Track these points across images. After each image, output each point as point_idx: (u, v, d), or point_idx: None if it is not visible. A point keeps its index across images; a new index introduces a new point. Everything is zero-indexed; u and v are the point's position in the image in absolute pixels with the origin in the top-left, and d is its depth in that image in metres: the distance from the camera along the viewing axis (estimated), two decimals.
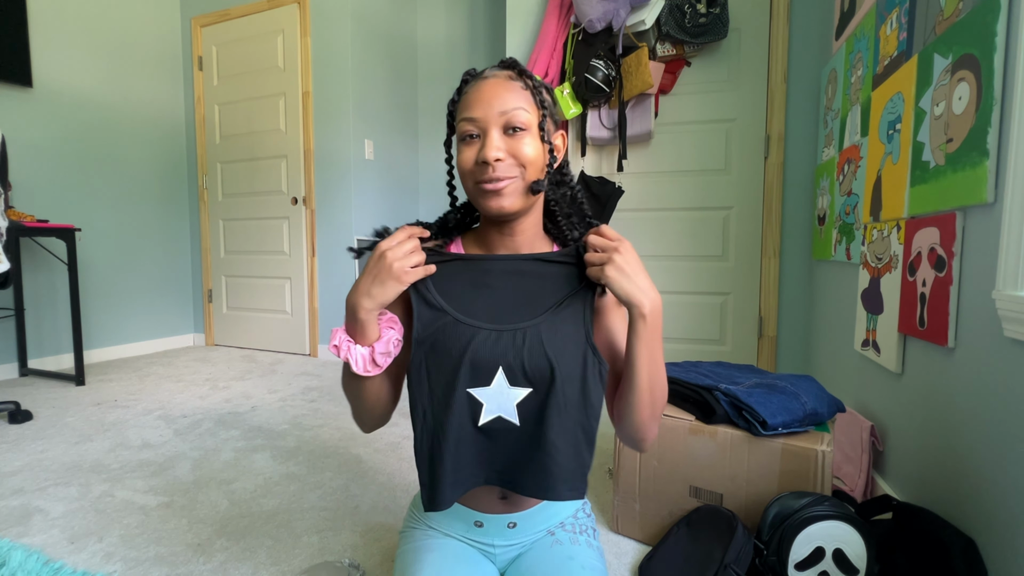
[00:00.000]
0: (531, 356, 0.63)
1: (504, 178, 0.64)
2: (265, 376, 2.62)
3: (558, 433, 0.64)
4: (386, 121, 3.17)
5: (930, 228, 1.08)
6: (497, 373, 0.64)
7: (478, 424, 0.64)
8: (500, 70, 0.68)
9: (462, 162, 0.67)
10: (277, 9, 3.02)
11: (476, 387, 0.64)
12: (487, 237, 0.73)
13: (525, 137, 0.65)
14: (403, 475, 1.48)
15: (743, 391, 1.07)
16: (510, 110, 0.64)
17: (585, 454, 0.66)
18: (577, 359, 0.65)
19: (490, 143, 0.64)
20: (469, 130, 0.66)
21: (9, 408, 1.90)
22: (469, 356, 0.64)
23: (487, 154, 0.63)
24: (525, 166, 0.65)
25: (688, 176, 2.26)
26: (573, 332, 0.65)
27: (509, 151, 0.64)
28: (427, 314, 0.67)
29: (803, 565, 0.89)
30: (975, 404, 0.93)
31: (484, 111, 0.64)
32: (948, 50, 1.01)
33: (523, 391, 0.64)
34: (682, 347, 2.32)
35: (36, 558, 1.04)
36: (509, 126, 0.64)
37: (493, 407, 0.64)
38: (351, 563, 1.04)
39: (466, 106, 0.66)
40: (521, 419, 0.64)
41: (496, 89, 0.65)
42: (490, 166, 0.64)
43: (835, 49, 1.79)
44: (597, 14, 2.04)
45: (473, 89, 0.67)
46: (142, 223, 3.14)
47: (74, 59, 2.76)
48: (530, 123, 0.65)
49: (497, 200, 0.65)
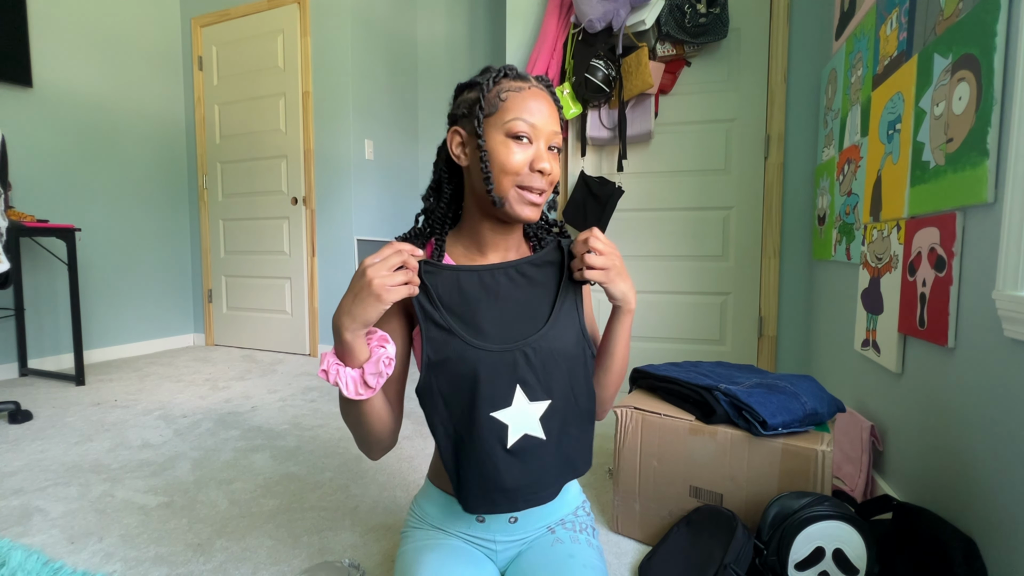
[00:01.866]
0: (546, 370, 0.66)
1: (545, 191, 0.69)
2: (265, 376, 2.62)
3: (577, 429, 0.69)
4: (386, 121, 3.17)
5: (930, 228, 1.08)
6: (516, 392, 0.65)
7: (507, 447, 0.65)
8: (543, 87, 0.71)
9: (509, 161, 0.66)
10: (277, 9, 3.02)
11: (498, 410, 0.64)
12: (480, 235, 0.74)
13: (558, 158, 0.71)
14: (403, 475, 1.48)
15: (743, 391, 1.07)
16: (557, 131, 0.70)
17: (591, 432, 0.72)
18: (579, 356, 0.69)
19: (546, 155, 0.68)
20: (524, 131, 0.67)
21: (9, 408, 1.90)
22: (486, 380, 0.64)
23: (546, 166, 0.67)
24: (554, 184, 0.71)
25: (688, 176, 2.26)
26: (572, 331, 0.69)
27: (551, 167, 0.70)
28: (438, 336, 0.66)
29: (803, 565, 0.89)
30: (975, 404, 0.93)
31: (543, 121, 0.67)
32: (948, 50, 1.01)
33: (543, 404, 0.66)
34: (682, 347, 2.32)
35: (36, 558, 1.04)
36: (552, 145, 0.69)
37: (518, 427, 0.65)
38: (351, 563, 1.04)
39: (524, 107, 0.67)
40: (546, 431, 0.66)
41: (548, 106, 0.69)
42: (544, 177, 0.68)
43: (835, 49, 1.79)
44: (597, 14, 2.04)
45: (529, 93, 0.68)
46: (142, 223, 3.14)
47: (74, 59, 2.76)
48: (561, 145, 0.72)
49: (533, 210, 0.70)
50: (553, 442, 0.67)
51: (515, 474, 0.65)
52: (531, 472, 0.66)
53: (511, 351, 0.65)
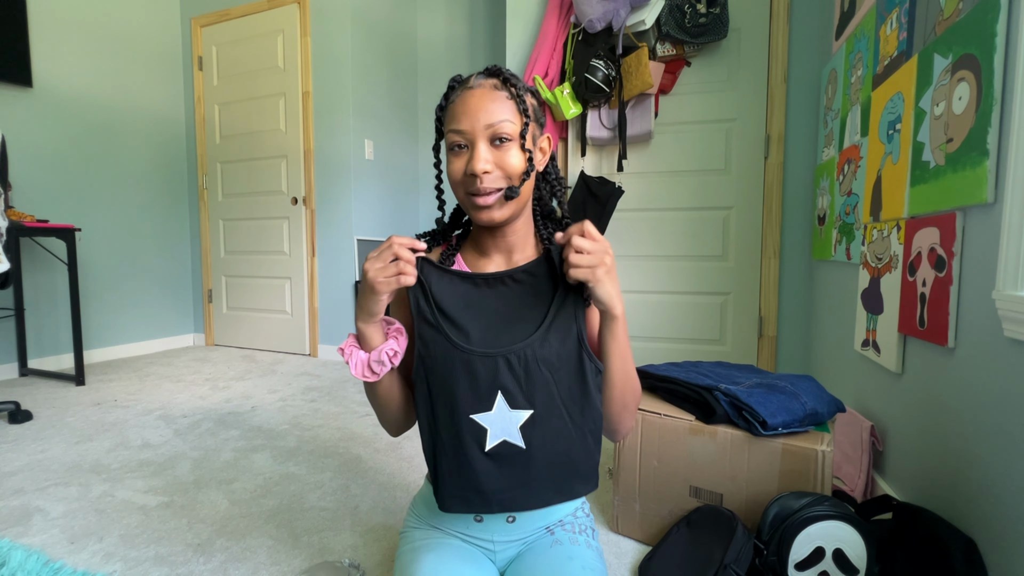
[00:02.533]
0: (528, 378, 0.65)
1: (492, 190, 0.67)
2: (265, 376, 2.62)
3: (566, 447, 0.67)
4: (386, 121, 3.17)
5: (930, 228, 1.08)
6: (497, 398, 0.65)
7: (485, 450, 0.65)
8: (486, 78, 0.68)
9: (451, 172, 0.69)
10: (277, 9, 3.02)
11: (478, 412, 0.65)
12: (481, 240, 0.75)
13: (511, 148, 0.67)
14: (403, 475, 1.48)
15: (743, 391, 1.07)
16: (496, 122, 0.65)
17: (594, 453, 0.69)
18: (573, 369, 0.66)
19: (477, 155, 0.65)
20: (457, 140, 0.67)
21: (9, 408, 1.90)
22: (467, 382, 0.65)
23: (475, 166, 0.65)
24: (512, 177, 0.67)
25: (688, 176, 2.26)
26: (567, 342, 0.66)
27: (496, 163, 0.66)
28: (426, 332, 0.67)
29: (803, 565, 0.89)
30: (975, 404, 0.93)
31: (471, 123, 0.66)
32: (948, 50, 1.01)
33: (524, 413, 0.65)
34: (682, 347, 2.32)
35: (36, 558, 1.04)
36: (495, 137, 0.66)
37: (497, 431, 0.65)
38: (351, 563, 1.04)
39: (453, 117, 0.67)
40: (527, 441, 0.65)
41: (482, 101, 0.66)
42: (478, 178, 0.66)
43: (835, 49, 1.79)
44: (597, 14, 2.04)
45: (460, 99, 0.67)
46: (142, 223, 3.14)
47: (74, 59, 2.76)
48: (515, 133, 0.67)
49: (488, 213, 0.68)
50: (535, 453, 0.66)
51: (492, 478, 0.66)
52: (508, 477, 0.66)
53: (493, 356, 0.64)
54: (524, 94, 0.69)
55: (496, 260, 0.75)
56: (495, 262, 0.75)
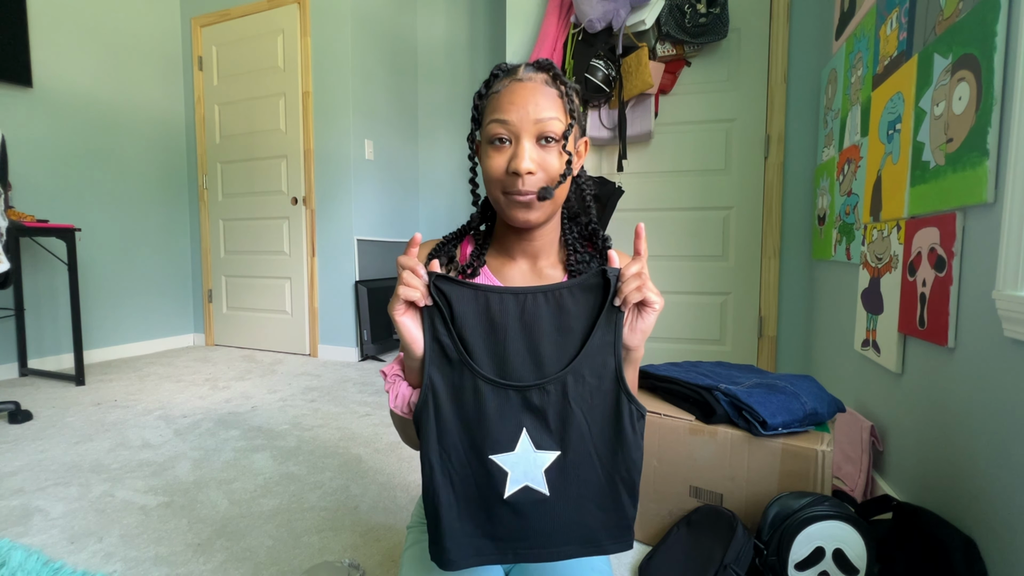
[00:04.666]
0: (558, 414, 0.57)
1: (530, 192, 0.62)
2: (265, 376, 2.62)
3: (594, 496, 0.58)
4: (386, 121, 3.17)
5: (930, 228, 1.08)
6: (521, 436, 0.57)
7: (504, 497, 0.57)
8: (536, 72, 0.64)
9: (490, 167, 0.63)
10: (277, 9, 3.02)
11: (498, 453, 0.57)
12: (507, 242, 0.71)
13: (555, 149, 0.62)
14: (403, 475, 1.48)
15: (743, 391, 1.07)
16: (546, 119, 0.61)
17: (628, 508, 0.59)
18: (609, 410, 0.58)
19: (523, 153, 0.61)
20: (500, 133, 0.62)
21: (9, 408, 1.90)
22: (487, 416, 0.56)
23: (519, 165, 0.60)
24: (551, 180, 0.63)
25: (688, 176, 2.26)
26: (604, 378, 0.57)
27: (539, 163, 0.62)
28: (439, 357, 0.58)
29: (803, 565, 0.89)
30: (975, 404, 0.93)
31: (519, 116, 0.61)
32: (948, 50, 1.01)
33: (551, 455, 0.57)
34: (682, 347, 2.32)
35: (36, 558, 1.04)
36: (542, 136, 0.62)
37: (519, 475, 0.57)
38: (351, 563, 1.04)
39: (498, 107, 0.62)
40: (551, 487, 0.57)
41: (534, 94, 0.61)
42: (521, 178, 0.61)
43: (835, 49, 1.79)
44: (597, 14, 2.04)
45: (507, 89, 0.62)
46: (142, 223, 3.14)
47: (74, 59, 2.76)
48: (560, 133, 0.62)
49: (526, 213, 0.63)
50: (559, 502, 0.57)
51: (508, 526, 0.58)
52: (526, 528, 0.58)
53: (520, 389, 0.56)
54: (572, 92, 0.65)
55: (521, 264, 0.71)
56: (520, 266, 0.71)
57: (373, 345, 3.00)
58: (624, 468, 0.58)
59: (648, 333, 0.58)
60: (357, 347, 2.98)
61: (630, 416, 0.58)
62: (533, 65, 0.64)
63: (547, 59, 0.66)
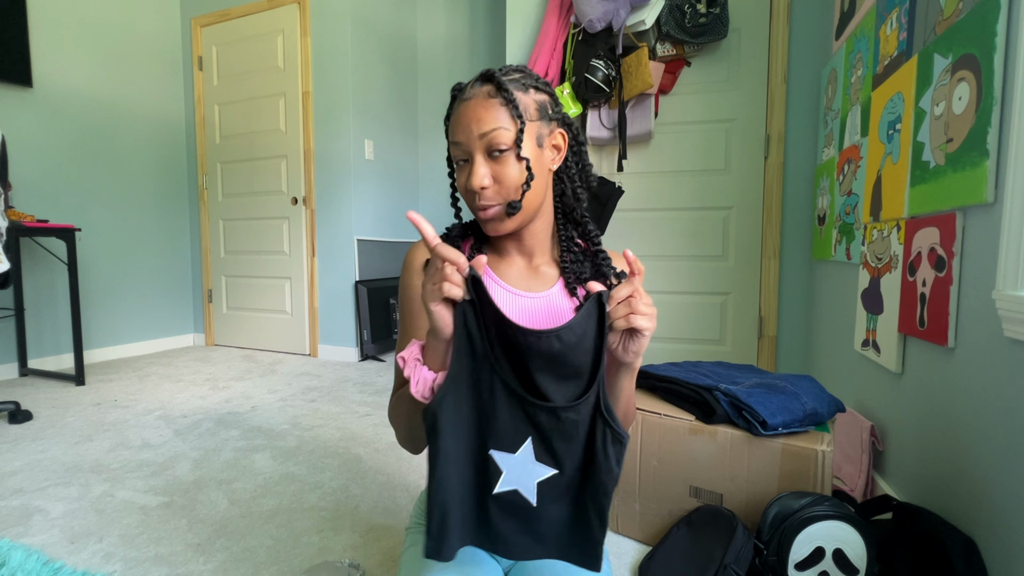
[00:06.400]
0: (566, 439, 0.57)
1: (493, 204, 0.66)
2: (265, 376, 2.62)
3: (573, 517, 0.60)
4: (386, 121, 3.17)
5: (930, 228, 1.08)
6: (525, 443, 0.58)
7: (492, 491, 0.58)
8: (480, 86, 0.65)
9: (458, 185, 0.69)
10: (277, 9, 3.02)
11: (500, 450, 0.58)
12: (501, 244, 0.74)
13: (509, 159, 0.64)
14: (403, 475, 1.48)
15: (743, 391, 1.07)
16: (489, 132, 0.63)
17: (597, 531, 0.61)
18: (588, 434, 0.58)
19: (475, 171, 0.64)
20: (457, 155, 0.66)
21: (9, 408, 1.90)
22: (500, 416, 0.57)
23: (471, 183, 0.64)
24: (511, 190, 0.65)
25: (688, 176, 2.26)
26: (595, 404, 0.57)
27: (495, 176, 0.64)
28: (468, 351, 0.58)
29: (803, 565, 0.89)
30: (975, 404, 0.93)
31: (466, 135, 0.64)
32: (948, 50, 1.01)
33: (548, 471, 0.58)
34: (682, 347, 2.32)
35: (36, 558, 1.04)
36: (491, 149, 0.64)
37: (512, 478, 0.58)
38: (351, 563, 1.04)
39: (453, 129, 0.66)
40: (539, 499, 0.59)
41: (475, 111, 0.64)
42: (478, 194, 0.65)
43: (835, 49, 1.79)
44: (597, 14, 2.04)
45: (456, 111, 0.66)
46: (142, 223, 3.14)
47: (74, 59, 2.76)
48: (512, 141, 0.63)
49: (495, 226, 0.67)
50: (543, 515, 0.59)
51: (492, 521, 0.60)
52: (514, 526, 0.60)
53: (533, 404, 0.56)
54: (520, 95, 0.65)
55: (517, 262, 0.74)
56: (516, 265, 0.74)
57: (373, 345, 3.00)
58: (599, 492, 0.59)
59: (641, 353, 0.58)
60: (357, 347, 2.98)
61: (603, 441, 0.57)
62: (479, 79, 0.66)
63: (489, 69, 0.66)
